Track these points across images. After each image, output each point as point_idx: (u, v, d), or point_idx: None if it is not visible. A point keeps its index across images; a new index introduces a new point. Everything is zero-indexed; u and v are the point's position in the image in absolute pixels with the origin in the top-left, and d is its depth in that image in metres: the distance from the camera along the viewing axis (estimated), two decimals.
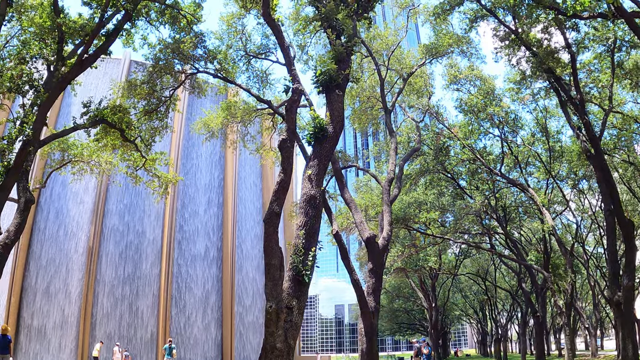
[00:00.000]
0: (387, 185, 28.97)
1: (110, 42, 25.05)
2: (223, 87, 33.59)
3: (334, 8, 20.88)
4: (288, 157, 16.42)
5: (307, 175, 16.78)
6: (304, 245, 15.96)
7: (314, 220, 16.33)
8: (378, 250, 26.53)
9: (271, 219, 15.56)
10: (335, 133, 17.62)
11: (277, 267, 15.40)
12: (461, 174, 40.98)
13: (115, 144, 30.70)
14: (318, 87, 18.63)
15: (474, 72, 34.65)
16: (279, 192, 15.90)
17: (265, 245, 15.59)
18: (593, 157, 26.07)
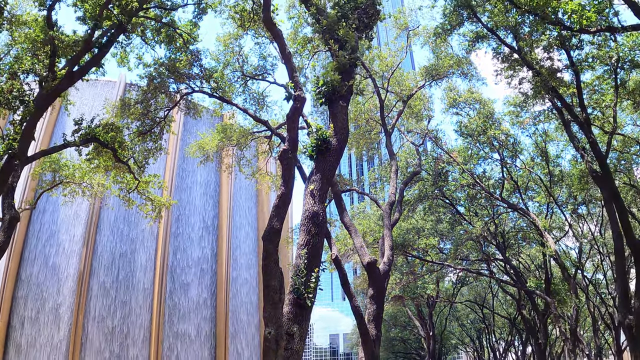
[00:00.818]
0: (387, 208, 27.49)
1: (102, 54, 23.68)
2: (219, 109, 32.25)
3: (336, 20, 19.60)
4: (289, 168, 14.89)
5: (310, 191, 15.25)
6: (306, 265, 14.39)
7: (317, 239, 14.76)
8: (379, 276, 24.93)
9: (271, 236, 13.95)
10: (339, 145, 16.16)
11: (276, 289, 13.75)
12: (459, 200, 39.46)
13: (108, 165, 29.32)
14: (320, 98, 17.20)
15: (473, 95, 33.51)
16: (280, 207, 14.33)
17: (264, 265, 13.96)
18: (599, 178, 24.66)
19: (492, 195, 35.43)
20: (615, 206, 23.28)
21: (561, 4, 21.17)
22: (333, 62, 17.73)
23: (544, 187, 36.28)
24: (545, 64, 25.78)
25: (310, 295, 14.17)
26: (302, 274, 14.20)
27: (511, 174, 36.29)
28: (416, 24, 30.15)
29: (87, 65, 23.49)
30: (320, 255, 14.87)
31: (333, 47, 18.35)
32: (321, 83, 17.15)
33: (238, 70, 30.78)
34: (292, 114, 15.81)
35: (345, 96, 17.36)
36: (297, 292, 14.10)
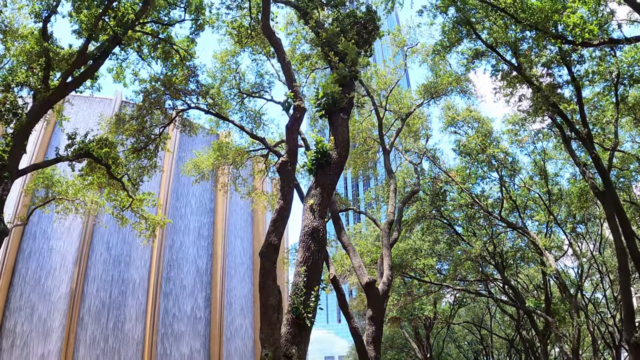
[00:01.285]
0: (386, 227, 26.68)
1: (97, 65, 22.98)
2: (215, 126, 31.47)
3: (336, 33, 18.94)
4: (288, 181, 14.08)
5: (309, 205, 14.40)
6: (305, 283, 13.50)
7: (317, 256, 13.89)
8: (378, 296, 24.03)
9: (268, 252, 13.10)
10: (340, 159, 15.35)
11: (274, 308, 12.87)
12: (457, 220, 38.61)
13: (102, 182, 28.50)
14: (320, 111, 16.41)
15: (472, 114, 32.92)
16: (278, 222, 13.49)
17: (262, 283, 13.08)
18: (602, 194, 23.94)
19: (491, 214, 34.61)
20: (618, 221, 22.50)
21: (563, 18, 20.58)
22: (333, 74, 17.00)
23: (544, 205, 35.56)
24: (545, 80, 25.24)
25: (310, 315, 13.27)
26: (302, 293, 13.31)
27: (510, 193, 35.55)
28: (414, 42, 29.60)
29: (81, 76, 22.78)
30: (321, 272, 13.99)
31: (333, 59, 17.63)
32: (321, 95, 16.41)
33: (235, 87, 30.18)
34: (291, 125, 15.04)
35: (346, 109, 16.61)
36: (296, 311, 13.19)
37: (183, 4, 27.30)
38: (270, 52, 27.77)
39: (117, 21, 23.12)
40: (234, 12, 25.92)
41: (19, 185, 43.45)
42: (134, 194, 29.54)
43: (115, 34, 22.84)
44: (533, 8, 21.66)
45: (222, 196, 54.89)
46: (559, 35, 21.36)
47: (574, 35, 20.58)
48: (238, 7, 25.67)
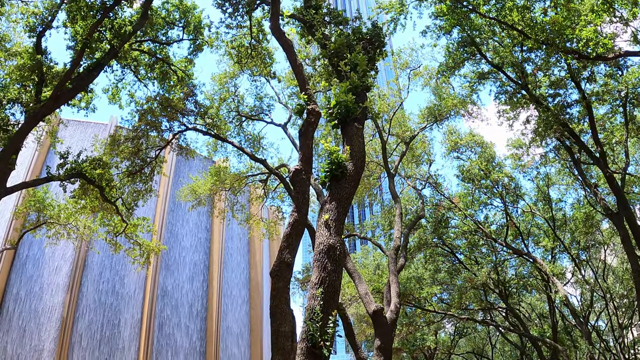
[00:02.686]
0: (393, 253, 24.94)
1: (91, 77, 21.41)
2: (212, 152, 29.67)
3: (344, 43, 17.46)
4: (303, 192, 12.34)
5: (324, 221, 12.64)
6: (322, 307, 11.62)
7: (334, 276, 12.08)
8: (386, 325, 22.12)
9: (281, 270, 11.32)
10: (356, 171, 13.66)
11: (287, 336, 11.04)
12: (459, 248, 36.79)
13: (95, 206, 26.77)
14: (332, 120, 14.73)
15: (474, 138, 31.46)
16: (291, 237, 11.72)
17: (273, 307, 11.24)
18: (614, 215, 22.35)
19: (495, 240, 32.88)
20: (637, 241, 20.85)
21: (575, 31, 19.21)
22: (345, 83, 15.39)
23: (550, 231, 33.95)
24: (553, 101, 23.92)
25: (327, 343, 11.35)
26: (318, 318, 11.43)
27: (513, 220, 33.90)
28: (417, 64, 28.23)
29: (74, 89, 21.17)
30: (338, 295, 12.13)
31: (344, 69, 16.05)
32: (333, 104, 14.77)
33: (234, 110, 28.70)
34: (305, 130, 13.38)
35: (360, 119, 14.96)
36: (311, 339, 11.30)
37: (181, 24, 25.95)
38: (270, 73, 26.38)
39: (114, 33, 21.58)
40: (233, 31, 24.36)
41: (10, 207, 41.32)
42: (129, 218, 27.77)
43: (112, 46, 21.28)
44: (544, 23, 20.39)
45: (218, 223, 52.74)
46: (571, 50, 20.01)
47: (590, 49, 19.25)
48: (238, 26, 24.17)
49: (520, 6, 21.63)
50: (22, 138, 19.53)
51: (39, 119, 19.82)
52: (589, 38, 19.37)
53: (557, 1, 20.78)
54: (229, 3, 22.83)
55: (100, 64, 21.14)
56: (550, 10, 21.71)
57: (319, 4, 20.68)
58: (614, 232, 32.65)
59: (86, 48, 20.39)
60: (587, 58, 19.89)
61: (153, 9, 24.71)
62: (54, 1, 22.13)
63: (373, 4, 26.69)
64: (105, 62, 21.26)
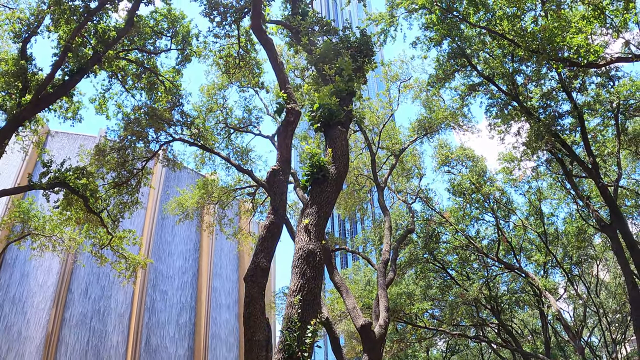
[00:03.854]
0: (382, 267, 24.06)
1: (73, 82, 20.61)
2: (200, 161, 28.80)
3: (330, 47, 16.77)
4: (280, 193, 11.54)
5: (304, 226, 11.79)
6: (300, 316, 10.72)
7: (313, 283, 11.20)
8: (374, 340, 21.20)
9: (256, 276, 10.44)
10: (338, 174, 12.83)
11: (262, 345, 10.13)
12: (451, 263, 35.83)
13: (79, 217, 25.66)
14: (315, 123, 13.94)
15: (465, 152, 30.69)
16: (267, 240, 10.89)
17: (247, 314, 10.36)
18: (608, 227, 21.54)
19: (487, 255, 31.97)
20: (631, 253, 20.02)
21: (566, 39, 18.58)
22: (330, 86, 14.65)
23: (542, 245, 33.10)
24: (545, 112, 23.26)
25: (305, 354, 10.44)
26: (295, 327, 10.51)
27: (505, 235, 33.02)
28: (407, 76, 27.59)
29: (55, 93, 20.36)
30: (318, 303, 11.25)
31: (328, 72, 15.31)
32: (316, 107, 13.99)
33: (222, 122, 27.97)
34: (284, 129, 12.61)
35: (344, 123, 14.18)
36: (288, 350, 10.39)
37: (170, 34, 25.23)
38: (258, 84, 25.68)
39: (98, 38, 20.86)
40: (222, 40, 23.66)
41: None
42: (114, 231, 26.80)
43: (96, 51, 20.54)
44: (534, 32, 19.79)
45: (207, 237, 51.53)
46: (562, 58, 19.38)
47: (580, 56, 18.62)
48: (226, 35, 23.42)
49: (511, 15, 21.09)
50: (2, 142, 18.70)
51: (19, 122, 19.04)
52: (579, 45, 18.79)
53: (547, 8, 20.29)
54: (217, 12, 22.21)
55: (82, 69, 20.37)
56: (540, 19, 21.21)
57: (305, 11, 20.06)
58: (607, 247, 31.87)
59: (68, 52, 19.63)
60: (578, 65, 19.27)
61: (141, 18, 24.11)
62: (41, 7, 21.48)
63: (363, 15, 26.12)
64: (89, 68, 20.49)
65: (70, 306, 42.78)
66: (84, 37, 20.83)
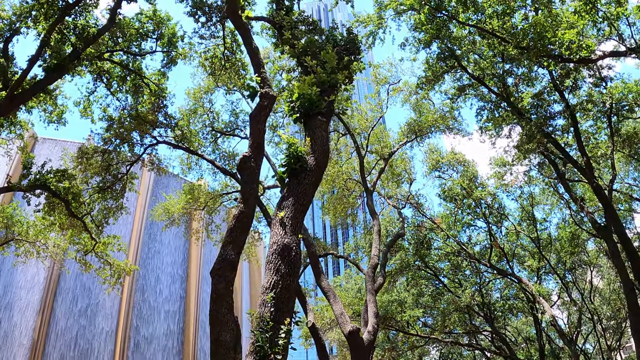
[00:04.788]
0: (371, 271, 22.95)
1: (50, 79, 19.65)
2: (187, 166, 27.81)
3: (314, 41, 15.89)
4: (251, 180, 10.56)
5: (280, 219, 10.81)
6: (272, 315, 9.69)
7: (288, 280, 10.18)
8: (362, 347, 20.06)
9: (223, 269, 9.43)
10: (317, 166, 11.86)
11: (229, 346, 9.10)
12: (443, 270, 34.73)
13: (63, 223, 24.59)
14: (294, 114, 12.98)
15: (456, 156, 29.76)
16: (237, 231, 9.91)
17: (213, 312, 9.35)
18: (603, 229, 20.57)
19: (479, 261, 30.92)
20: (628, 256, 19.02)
21: (557, 34, 17.74)
22: (310, 76, 13.72)
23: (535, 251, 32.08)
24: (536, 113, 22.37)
25: (278, 356, 9.38)
26: (268, 327, 9.48)
27: (497, 240, 32.00)
28: (396, 79, 26.71)
29: (31, 89, 19.39)
30: (293, 301, 10.21)
31: (310, 64, 14.37)
32: (295, 96, 13.05)
33: (208, 126, 27.09)
34: (257, 113, 11.63)
35: (325, 114, 13.21)
36: (260, 351, 9.34)
37: (155, 36, 24.33)
38: (244, 85, 24.74)
39: (77, 35, 19.98)
40: (207, 41, 22.79)
41: None
42: (98, 236, 25.72)
43: (75, 48, 19.63)
44: (525, 28, 18.95)
45: (195, 244, 50.12)
46: (553, 55, 18.52)
47: (571, 53, 17.77)
48: (212, 36, 22.56)
49: (501, 12, 20.28)
50: None
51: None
52: (571, 41, 17.97)
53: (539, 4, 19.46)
54: (201, 12, 21.40)
55: (60, 65, 19.41)
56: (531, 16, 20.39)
57: (290, 8, 19.23)
58: (601, 251, 30.91)
59: (45, 47, 18.72)
60: (570, 61, 18.44)
61: (126, 20, 23.29)
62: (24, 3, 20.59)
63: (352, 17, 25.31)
64: (66, 64, 19.51)
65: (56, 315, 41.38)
66: (63, 34, 19.97)
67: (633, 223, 31.21)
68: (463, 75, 24.89)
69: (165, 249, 51.18)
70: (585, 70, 22.40)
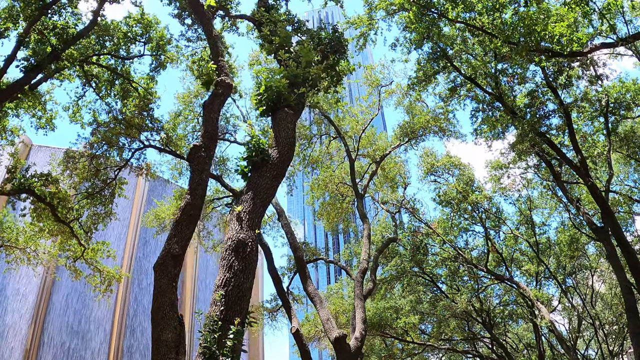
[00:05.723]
0: (359, 276, 22.07)
1: (28, 78, 19.07)
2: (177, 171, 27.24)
3: (290, 34, 15.23)
4: (200, 170, 9.82)
5: (236, 214, 10.04)
6: (222, 314, 8.90)
7: (242, 278, 9.40)
8: (349, 354, 19.13)
9: (166, 264, 8.67)
10: (281, 159, 11.09)
11: (171, 346, 8.34)
12: (440, 277, 33.67)
13: (52, 229, 24.05)
14: (261, 106, 12.27)
15: (452, 160, 28.84)
16: (182, 224, 9.17)
17: (155, 309, 8.60)
18: (599, 230, 19.61)
19: (476, 266, 29.88)
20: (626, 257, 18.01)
21: (547, 28, 16.92)
22: (281, 68, 13.04)
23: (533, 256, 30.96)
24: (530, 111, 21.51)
25: (227, 359, 8.62)
26: (216, 327, 8.73)
27: (495, 245, 30.93)
28: (388, 81, 25.97)
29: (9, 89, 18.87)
30: (246, 300, 9.39)
31: (283, 57, 13.69)
32: (262, 89, 12.34)
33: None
34: (211, 101, 10.93)
35: (294, 107, 12.48)
36: (206, 353, 8.56)
37: (143, 39, 23.85)
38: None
39: (56, 35, 19.53)
40: (194, 44, 22.27)
41: None
42: (87, 243, 25.09)
43: (54, 48, 19.15)
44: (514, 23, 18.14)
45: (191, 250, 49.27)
46: (544, 49, 17.68)
47: (562, 46, 16.95)
48: (198, 38, 22.05)
49: (490, 8, 19.51)
50: None
51: None
52: (561, 34, 17.16)
53: None
54: (187, 13, 20.89)
55: (38, 65, 18.90)
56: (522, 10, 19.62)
57: (271, 5, 18.63)
58: (602, 254, 29.75)
59: (21, 45, 18.25)
60: (561, 55, 17.55)
61: (114, 24, 22.87)
62: None
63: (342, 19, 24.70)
64: (45, 64, 18.97)
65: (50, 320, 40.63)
66: (43, 34, 19.49)
67: (634, 226, 30.05)
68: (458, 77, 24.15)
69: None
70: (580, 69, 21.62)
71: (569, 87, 20.70)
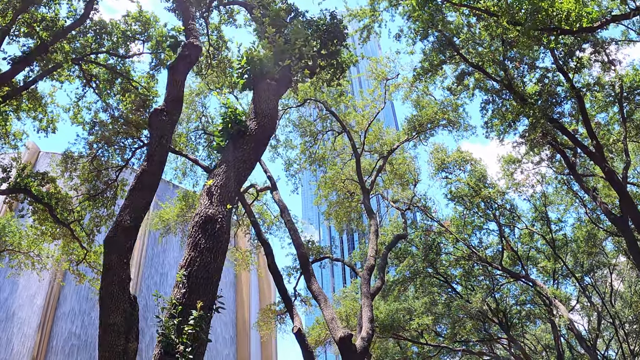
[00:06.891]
0: (366, 274, 20.73)
1: (15, 70, 18.19)
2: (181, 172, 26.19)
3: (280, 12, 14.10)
4: (160, 136, 8.66)
5: (207, 188, 8.84)
6: (183, 298, 7.67)
7: (208, 257, 8.17)
8: (355, 354, 17.72)
9: (117, 237, 7.45)
10: (260, 130, 9.89)
11: (120, 330, 7.13)
12: (455, 277, 32.04)
13: (54, 232, 23.25)
14: (242, 78, 11.09)
15: (463, 155, 27.39)
16: (136, 193, 8.01)
17: (103, 288, 7.39)
18: (618, 220, 18.00)
19: (490, 264, 28.24)
20: None
21: (555, 4, 15.55)
22: (264, 40, 11.88)
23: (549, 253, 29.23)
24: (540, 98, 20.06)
25: (187, 349, 7.35)
26: (176, 312, 7.49)
27: (510, 243, 29.25)
28: (394, 74, 24.69)
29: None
30: (213, 283, 8.13)
31: (269, 32, 12.51)
32: (244, 61, 11.17)
33: (201, 129, 25.54)
34: (177, 63, 9.84)
35: (277, 79, 11.27)
36: (164, 341, 7.32)
37: (142, 37, 22.98)
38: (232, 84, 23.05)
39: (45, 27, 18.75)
40: None
41: None
42: (90, 245, 24.19)
43: (42, 40, 18.33)
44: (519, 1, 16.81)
45: None
46: (552, 28, 16.30)
47: (570, 23, 15.56)
48: None
49: None
50: None
51: None
52: (569, 9, 15.80)
53: None
54: None
55: (25, 57, 18.08)
56: None
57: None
58: (620, 251, 27.88)
59: (6, 36, 17.44)
60: (570, 32, 16.16)
61: (113, 22, 22.07)
62: None
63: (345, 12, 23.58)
64: (32, 57, 18.16)
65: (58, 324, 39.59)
66: (32, 27, 18.71)
67: None
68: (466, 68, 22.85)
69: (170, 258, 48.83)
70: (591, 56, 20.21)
71: (581, 71, 19.22)
